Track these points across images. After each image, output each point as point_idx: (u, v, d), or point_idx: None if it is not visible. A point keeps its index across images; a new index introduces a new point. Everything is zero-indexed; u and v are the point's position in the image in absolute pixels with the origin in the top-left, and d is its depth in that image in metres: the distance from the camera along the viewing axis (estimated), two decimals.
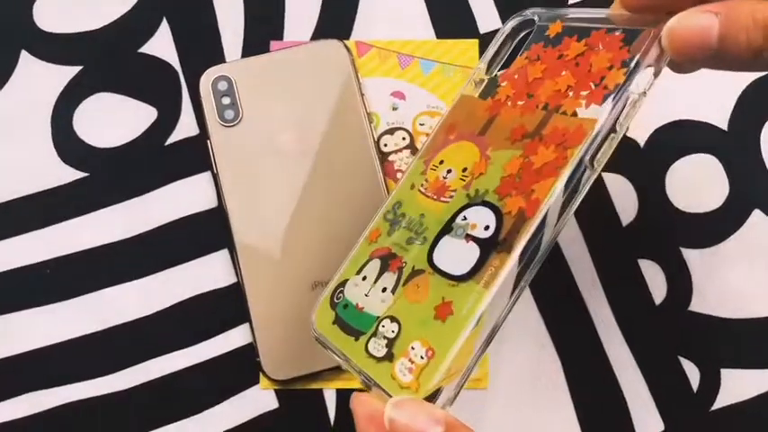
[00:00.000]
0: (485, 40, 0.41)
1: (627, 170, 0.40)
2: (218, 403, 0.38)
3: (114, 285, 0.39)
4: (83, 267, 0.39)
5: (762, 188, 0.40)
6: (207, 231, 0.39)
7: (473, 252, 0.28)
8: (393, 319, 0.29)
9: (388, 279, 0.29)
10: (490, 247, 0.27)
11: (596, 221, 0.39)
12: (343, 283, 0.31)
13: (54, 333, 0.38)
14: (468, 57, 0.41)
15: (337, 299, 0.31)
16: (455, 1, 0.41)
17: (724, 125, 0.40)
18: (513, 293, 0.27)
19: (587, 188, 0.27)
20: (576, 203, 0.27)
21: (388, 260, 0.30)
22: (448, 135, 0.32)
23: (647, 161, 0.40)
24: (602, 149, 0.27)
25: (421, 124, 0.40)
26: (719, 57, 0.23)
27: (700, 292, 0.39)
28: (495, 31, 0.41)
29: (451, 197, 0.30)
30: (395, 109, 0.41)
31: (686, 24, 0.23)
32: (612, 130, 0.27)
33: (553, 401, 0.38)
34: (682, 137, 0.40)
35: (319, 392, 0.38)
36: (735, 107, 0.40)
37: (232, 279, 0.39)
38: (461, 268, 0.28)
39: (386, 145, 0.40)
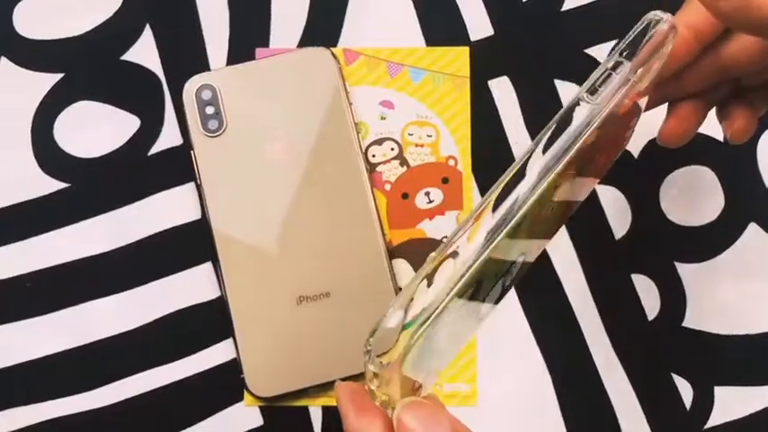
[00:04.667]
0: (475, 48, 0.40)
1: (620, 182, 0.39)
2: (202, 420, 0.37)
3: (95, 299, 0.38)
4: (63, 281, 0.38)
5: (758, 201, 0.39)
6: (190, 244, 0.38)
7: None
8: None
9: None
10: None
11: (588, 235, 0.39)
12: None
13: (34, 348, 0.37)
14: (459, 65, 0.40)
15: None
16: (446, 8, 0.40)
17: (719, 136, 0.39)
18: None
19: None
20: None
21: None
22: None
23: (640, 173, 0.39)
24: None
25: (410, 134, 0.39)
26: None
27: (694, 307, 0.38)
28: (486, 39, 0.40)
29: None
30: (383, 118, 0.40)
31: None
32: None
33: (543, 419, 0.38)
34: (676, 148, 0.39)
35: (305, 409, 0.37)
36: None
37: (216, 293, 0.38)
38: None
39: (374, 155, 0.39)
